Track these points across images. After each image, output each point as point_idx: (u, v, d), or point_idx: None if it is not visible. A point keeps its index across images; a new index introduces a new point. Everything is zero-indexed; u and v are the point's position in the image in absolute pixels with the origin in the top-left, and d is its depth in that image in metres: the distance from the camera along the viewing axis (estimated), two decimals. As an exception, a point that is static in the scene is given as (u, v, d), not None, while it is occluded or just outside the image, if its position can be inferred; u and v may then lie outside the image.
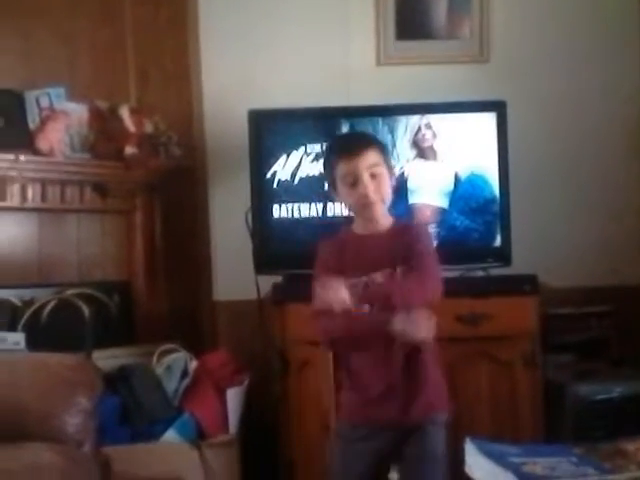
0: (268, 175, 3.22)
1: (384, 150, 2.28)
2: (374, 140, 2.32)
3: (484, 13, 3.66)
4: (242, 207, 3.30)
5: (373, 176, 2.16)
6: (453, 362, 3.01)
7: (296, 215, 3.22)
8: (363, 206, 2.18)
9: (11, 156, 2.92)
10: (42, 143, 3.04)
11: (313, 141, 3.22)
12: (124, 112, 3.26)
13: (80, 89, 3.27)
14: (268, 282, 3.19)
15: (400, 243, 2.17)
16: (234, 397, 2.93)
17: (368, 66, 3.67)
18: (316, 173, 3.21)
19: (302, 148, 3.22)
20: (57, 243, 3.17)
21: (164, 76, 3.58)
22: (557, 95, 3.65)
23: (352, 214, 2.27)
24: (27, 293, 3.01)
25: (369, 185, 2.15)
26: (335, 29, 3.65)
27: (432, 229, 3.20)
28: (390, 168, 2.25)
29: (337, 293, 2.03)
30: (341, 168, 2.18)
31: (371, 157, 2.17)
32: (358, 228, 2.25)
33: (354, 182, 2.16)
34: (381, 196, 2.18)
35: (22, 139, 3.04)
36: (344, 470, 2.21)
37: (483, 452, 1.98)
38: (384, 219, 2.22)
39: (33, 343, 2.81)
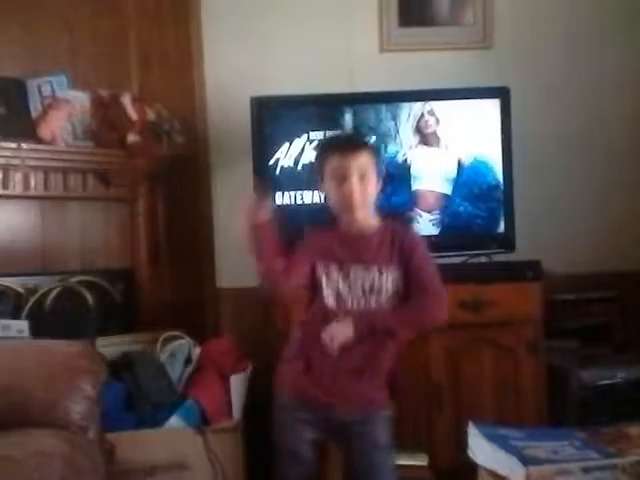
0: (271, 162, 3.22)
1: (376, 154, 2.32)
2: (368, 143, 2.40)
3: (487, -1, 3.65)
4: (245, 194, 3.30)
5: (362, 177, 2.19)
6: (456, 348, 3.03)
7: (299, 202, 3.22)
8: (346, 207, 2.22)
9: (13, 144, 2.92)
10: (44, 131, 3.03)
11: (316, 128, 3.22)
12: (126, 100, 3.25)
13: (82, 78, 3.26)
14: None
15: (393, 245, 2.22)
16: (237, 383, 2.93)
17: (371, 53, 3.66)
18: (319, 160, 3.21)
19: (305, 135, 3.23)
20: (60, 231, 3.17)
21: (166, 64, 3.57)
22: (560, 81, 3.64)
23: (335, 210, 2.29)
24: (30, 281, 3.01)
25: (356, 185, 2.18)
26: (338, 16, 3.64)
27: (435, 215, 3.21)
28: (379, 173, 2.28)
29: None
30: (333, 163, 2.22)
31: (363, 158, 2.21)
32: (346, 226, 2.27)
33: (342, 179, 2.19)
34: (364, 200, 2.21)
35: (24, 127, 3.03)
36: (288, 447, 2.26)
37: (486, 436, 1.99)
38: (368, 220, 2.25)
39: (37, 331, 2.82)
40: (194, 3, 3.63)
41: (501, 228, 3.23)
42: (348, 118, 3.23)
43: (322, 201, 3.20)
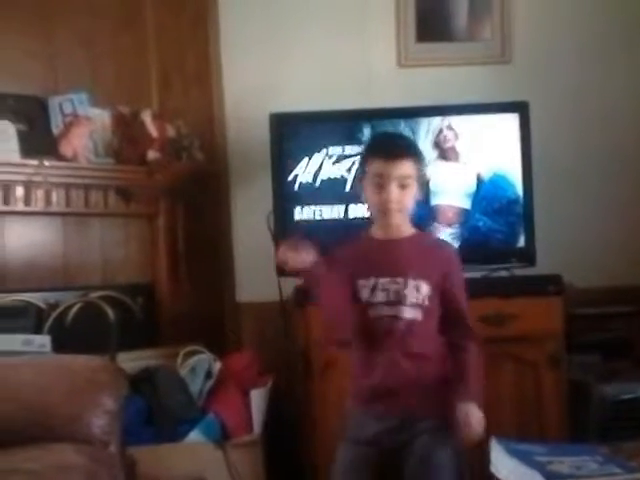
0: (290, 178, 3.23)
1: (421, 162, 2.26)
2: (415, 150, 2.29)
3: (505, 14, 3.66)
4: (264, 210, 3.31)
5: (402, 186, 2.16)
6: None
7: (318, 217, 3.22)
8: (382, 212, 2.19)
9: (35, 161, 2.95)
10: (66, 148, 3.06)
11: (334, 143, 3.23)
12: (146, 117, 3.28)
13: (102, 95, 3.29)
14: (291, 284, 3.20)
15: (428, 257, 2.19)
16: (258, 398, 2.94)
17: (389, 68, 3.67)
18: (338, 175, 3.22)
19: (324, 150, 3.23)
20: (81, 247, 3.20)
21: (186, 81, 3.60)
22: (580, 95, 3.63)
23: (371, 216, 2.27)
24: (52, 296, 3.03)
25: (394, 193, 2.15)
26: (356, 31, 3.66)
27: (455, 230, 3.21)
28: (421, 182, 2.23)
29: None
30: (374, 167, 2.18)
31: (406, 167, 2.16)
32: (377, 233, 2.24)
33: (381, 185, 2.16)
34: (402, 207, 2.17)
35: (46, 145, 3.07)
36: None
37: (509, 452, 1.98)
38: (403, 227, 2.22)
39: (58, 345, 2.83)
40: (213, 20, 3.66)
41: (521, 242, 3.22)
42: (366, 133, 3.23)
43: (341, 216, 3.22)
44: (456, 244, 3.21)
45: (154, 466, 2.56)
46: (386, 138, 2.59)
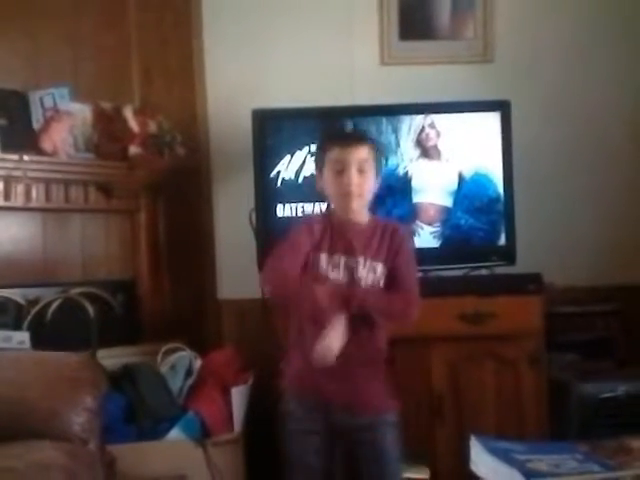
0: (272, 174, 3.22)
1: (378, 151, 2.34)
2: (371, 139, 2.39)
3: (488, 13, 3.67)
4: (246, 206, 3.30)
5: (360, 171, 2.22)
6: (458, 361, 3.02)
7: (300, 214, 3.22)
8: (342, 195, 2.23)
9: (15, 156, 2.93)
10: (46, 143, 3.04)
11: (317, 141, 3.22)
12: (128, 112, 3.27)
13: (84, 90, 3.27)
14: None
15: (382, 240, 2.25)
16: (239, 395, 2.93)
17: (372, 66, 3.67)
18: (320, 172, 3.22)
19: (306, 148, 3.23)
20: (61, 243, 3.18)
21: (168, 76, 3.59)
22: (561, 94, 3.65)
23: (331, 203, 2.32)
24: (32, 292, 3.01)
25: (354, 177, 2.21)
26: (339, 29, 3.65)
27: (436, 228, 3.22)
28: (378, 170, 2.30)
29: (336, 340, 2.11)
30: (333, 153, 2.24)
31: (363, 152, 2.24)
32: (339, 217, 2.28)
33: (341, 170, 2.21)
34: (362, 192, 2.23)
35: (26, 139, 3.04)
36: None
37: (488, 449, 1.98)
38: (362, 214, 2.28)
39: (38, 342, 2.82)
40: (195, 16, 3.65)
41: (502, 241, 3.23)
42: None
43: (322, 210, 3.22)
44: (437, 242, 3.23)
45: (134, 464, 2.55)
46: (342, 130, 2.78)
